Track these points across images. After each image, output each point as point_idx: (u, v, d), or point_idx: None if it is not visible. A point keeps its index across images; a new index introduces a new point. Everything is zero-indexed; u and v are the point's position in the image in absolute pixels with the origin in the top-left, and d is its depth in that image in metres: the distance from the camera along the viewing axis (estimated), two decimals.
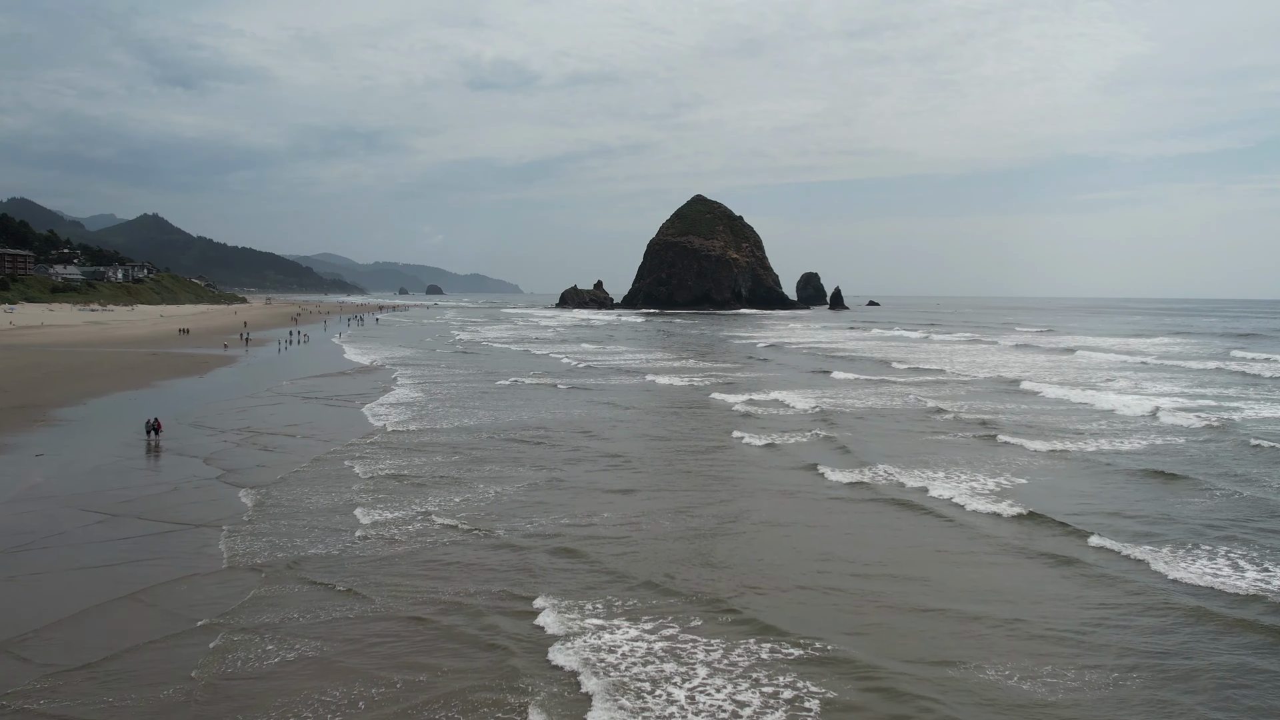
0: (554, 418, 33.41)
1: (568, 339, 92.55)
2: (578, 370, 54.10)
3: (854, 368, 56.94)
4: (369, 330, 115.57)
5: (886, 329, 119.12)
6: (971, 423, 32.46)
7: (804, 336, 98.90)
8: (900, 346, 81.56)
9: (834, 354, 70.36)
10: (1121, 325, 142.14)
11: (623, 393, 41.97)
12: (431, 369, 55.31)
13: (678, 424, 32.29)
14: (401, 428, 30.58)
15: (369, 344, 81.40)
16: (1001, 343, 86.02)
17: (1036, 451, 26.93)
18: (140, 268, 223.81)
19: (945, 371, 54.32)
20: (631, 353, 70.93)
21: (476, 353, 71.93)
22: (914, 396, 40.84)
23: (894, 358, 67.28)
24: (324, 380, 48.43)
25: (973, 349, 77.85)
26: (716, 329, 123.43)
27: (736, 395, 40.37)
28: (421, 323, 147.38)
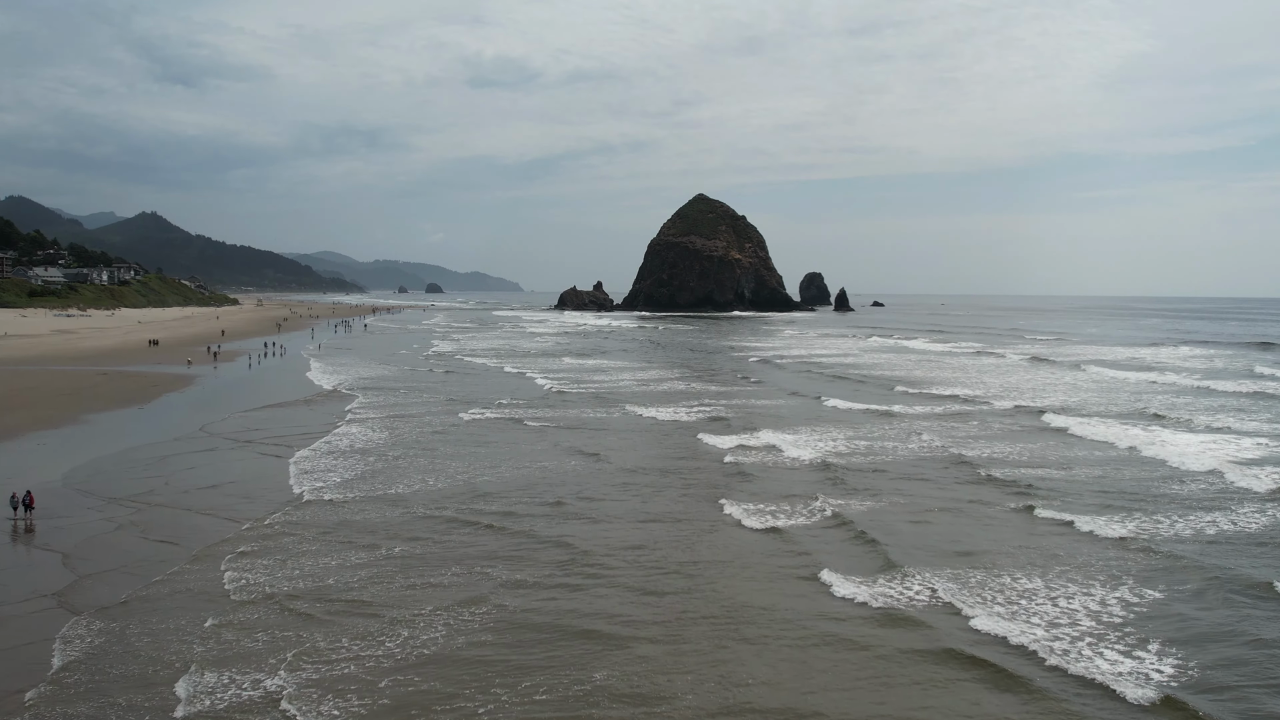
0: (510, 478, 28.31)
1: (552, 351, 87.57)
2: (552, 398, 49.14)
3: (857, 393, 51.99)
4: (351, 339, 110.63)
5: (887, 336, 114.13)
6: (1007, 484, 27.38)
7: (804, 348, 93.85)
8: (904, 360, 76.57)
9: (835, 372, 65.45)
10: (1132, 332, 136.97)
11: (598, 434, 36.97)
12: (394, 395, 50.42)
13: (657, 492, 26.69)
14: (322, 496, 25.57)
15: (342, 359, 76.46)
16: (1010, 356, 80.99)
17: (1109, 540, 21.40)
18: (127, 269, 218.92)
19: (957, 398, 49.35)
20: (618, 370, 66.00)
21: (451, 369, 67.01)
22: (927, 436, 35.92)
23: (898, 376, 62.45)
24: (274, 413, 43.57)
25: (982, 364, 72.82)
26: (714, 336, 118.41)
27: (726, 438, 35.42)
28: (408, 328, 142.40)
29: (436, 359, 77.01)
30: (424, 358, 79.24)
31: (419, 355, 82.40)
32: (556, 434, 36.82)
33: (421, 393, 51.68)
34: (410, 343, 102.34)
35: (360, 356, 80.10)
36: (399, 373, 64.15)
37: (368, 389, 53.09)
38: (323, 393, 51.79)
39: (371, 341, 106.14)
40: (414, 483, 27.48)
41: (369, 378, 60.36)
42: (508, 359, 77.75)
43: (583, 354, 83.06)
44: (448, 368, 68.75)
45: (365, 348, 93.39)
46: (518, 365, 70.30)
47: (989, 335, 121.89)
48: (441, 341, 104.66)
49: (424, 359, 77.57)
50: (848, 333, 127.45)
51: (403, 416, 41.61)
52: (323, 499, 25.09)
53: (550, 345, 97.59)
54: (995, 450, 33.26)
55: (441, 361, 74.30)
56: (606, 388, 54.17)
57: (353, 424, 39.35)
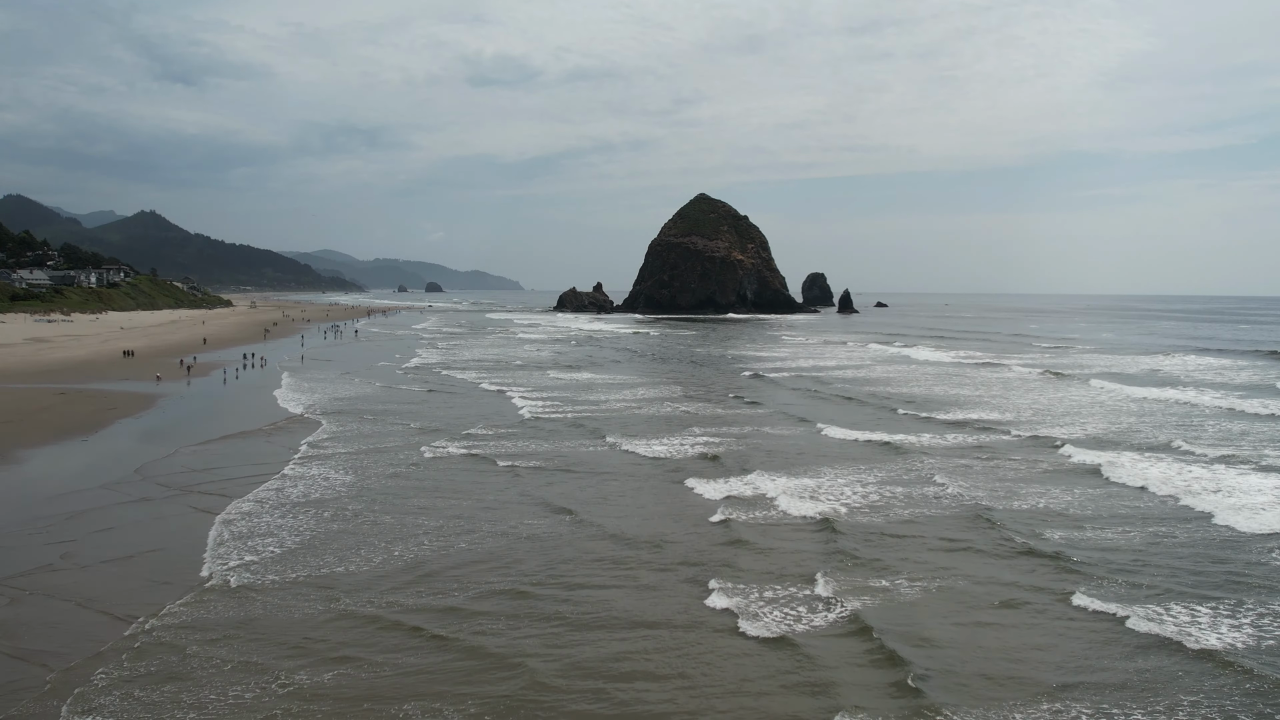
0: (464, 551, 24.23)
1: (540, 363, 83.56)
2: (529, 427, 45.21)
3: (858, 418, 48.16)
4: (337, 347, 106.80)
5: (890, 343, 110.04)
6: (1043, 558, 23.29)
7: (805, 357, 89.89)
8: (908, 373, 72.67)
9: (836, 389, 61.56)
10: (1141, 338, 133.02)
11: (573, 479, 32.95)
12: (361, 421, 46.65)
13: (633, 573, 22.26)
14: (230, 581, 21.34)
15: (320, 373, 72.62)
16: (1018, 368, 77.03)
17: (1207, 653, 16.92)
18: (117, 270, 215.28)
19: (967, 424, 45.46)
20: (606, 388, 62.17)
21: (430, 385, 63.17)
22: (941, 480, 32.14)
23: (902, 395, 58.81)
24: (228, 447, 39.84)
25: (989, 378, 68.89)
26: (714, 343, 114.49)
27: (716, 484, 31.53)
28: (396, 334, 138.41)
29: (416, 373, 73.12)
30: (404, 371, 75.40)
31: (400, 368, 78.56)
32: (527, 478, 32.91)
33: (391, 418, 47.85)
34: (394, 352, 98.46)
35: (340, 369, 76.29)
36: (373, 391, 60.28)
37: (336, 413, 49.29)
38: (288, 418, 47.98)
39: (357, 350, 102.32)
40: (350, 557, 23.46)
41: (341, 398, 56.55)
42: (491, 373, 73.93)
43: (572, 366, 79.18)
44: (426, 384, 64.90)
45: (348, 358, 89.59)
46: (500, 381, 66.43)
47: (994, 342, 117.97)
48: (427, 350, 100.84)
49: (404, 373, 73.74)
50: (850, 339, 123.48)
51: (362, 452, 37.74)
52: (230, 584, 21.07)
53: (539, 355, 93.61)
54: (1023, 501, 29.36)
55: (421, 377, 70.45)
56: (590, 412, 50.29)
57: (306, 462, 35.52)
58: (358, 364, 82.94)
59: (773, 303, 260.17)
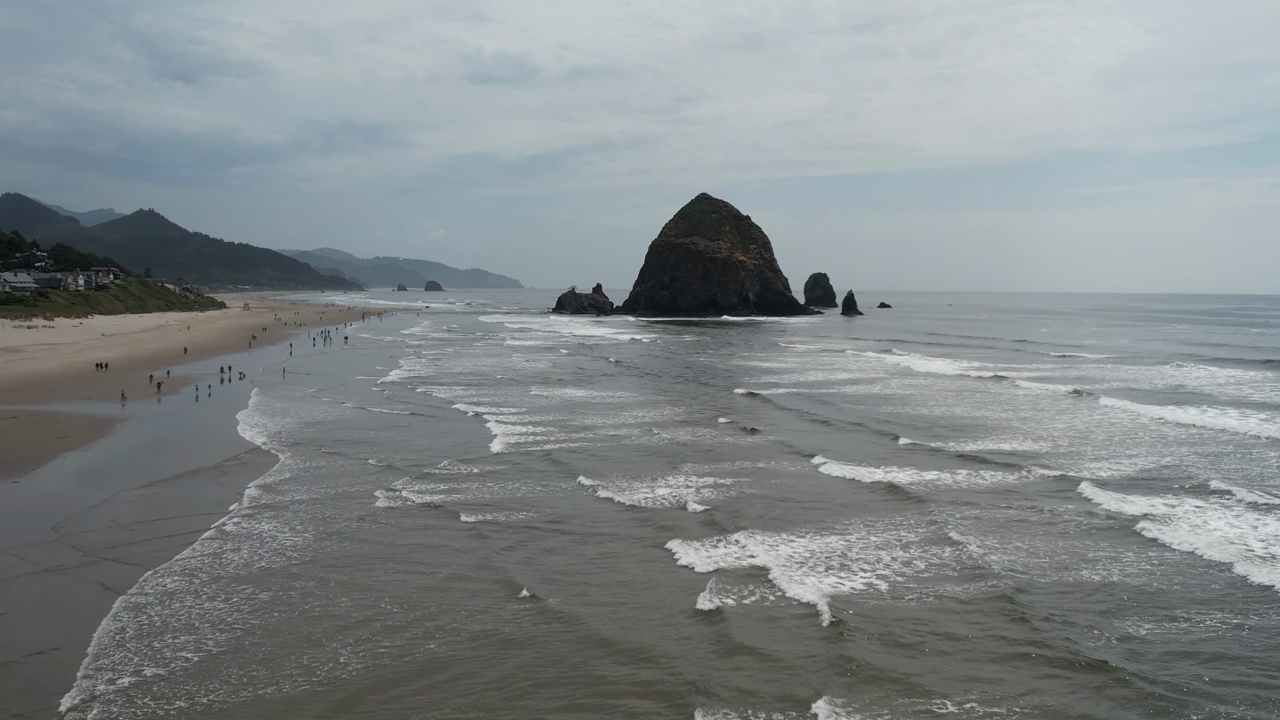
0: (384, 668, 20.23)
1: (526, 377, 79.33)
2: (502, 462, 41.33)
3: (860, 450, 44.22)
4: (322, 356, 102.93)
5: (894, 350, 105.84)
6: (1102, 673, 19.34)
7: (808, 369, 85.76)
8: (913, 390, 68.70)
9: (838, 411, 57.68)
10: (1149, 344, 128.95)
11: (538, 542, 28.76)
12: (322, 454, 42.86)
13: (601, 707, 18.85)
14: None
15: (296, 390, 68.72)
16: (1025, 382, 73.07)
17: None
18: (106, 272, 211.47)
19: (981, 459, 41.36)
20: (591, 410, 58.26)
21: (403, 406, 59.02)
22: (956, 536, 28.28)
23: (906, 416, 55.26)
24: (170, 490, 36.07)
25: (998, 396, 64.90)
26: (715, 351, 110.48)
27: (704, 550, 27.53)
28: (384, 340, 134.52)
29: (393, 391, 69.05)
30: (381, 387, 71.33)
31: (378, 383, 74.61)
32: (489, 539, 28.85)
33: (355, 449, 43.93)
34: (377, 363, 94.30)
35: (317, 384, 72.41)
36: (343, 414, 56.29)
37: (297, 444, 45.40)
38: (248, 451, 44.04)
39: (341, 360, 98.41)
40: (239, 681, 19.27)
41: (310, 422, 52.67)
42: (474, 389, 70.01)
43: (560, 382, 75.16)
44: (401, 404, 60.88)
45: (329, 370, 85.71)
46: (480, 400, 62.45)
47: (1002, 351, 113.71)
48: (411, 361, 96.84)
49: (380, 389, 69.69)
50: (853, 347, 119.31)
51: (313, 501, 33.76)
52: None
53: (526, 367, 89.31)
54: (1059, 575, 25.33)
55: (397, 395, 66.44)
56: (569, 442, 46.25)
57: (251, 514, 31.59)
58: (337, 378, 79.10)
59: (775, 304, 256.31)
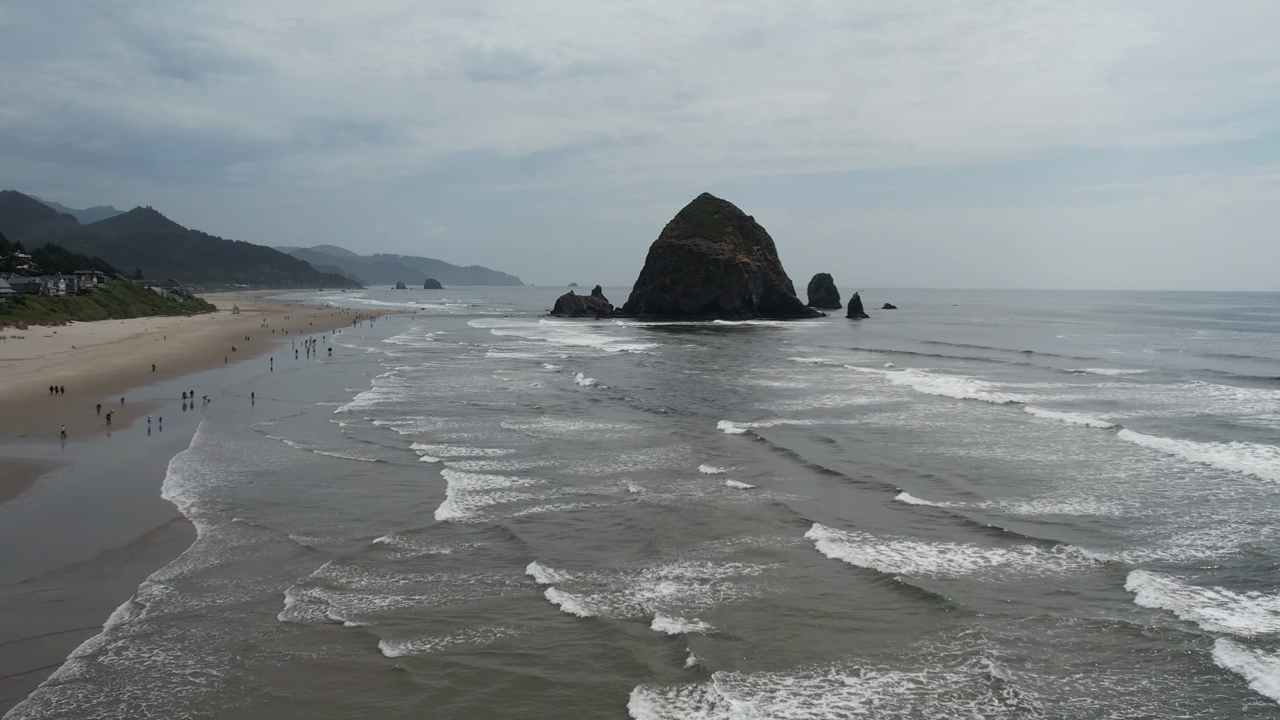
0: None
1: (499, 405, 72.50)
2: (441, 538, 35.38)
3: (868, 515, 38.19)
4: (296, 374, 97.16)
5: (895, 365, 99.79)
6: None
7: (815, 392, 79.54)
8: (920, 422, 62.54)
9: (845, 458, 51.45)
10: (1168, 355, 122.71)
11: (451, 703, 22.52)
12: (241, 530, 36.56)
13: None
14: None
15: (249, 422, 62.73)
16: (1045, 413, 66.98)
17: None
18: (90, 275, 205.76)
19: (1009, 542, 35.23)
20: (562, 455, 52.20)
21: (356, 448, 52.83)
22: (995, 672, 22.32)
23: (916, 463, 49.12)
24: (31, 598, 30.08)
25: (1016, 430, 58.81)
26: (717, 365, 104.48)
27: (666, 698, 21.62)
28: (366, 351, 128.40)
29: (352, 424, 62.53)
30: (340, 418, 65.11)
31: (343, 410, 68.43)
32: (413, 687, 22.87)
33: (286, 514, 37.84)
34: (350, 382, 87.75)
35: (277, 414, 66.41)
36: (290, 461, 49.86)
37: (225, 509, 39.43)
38: (165, 524, 37.70)
39: (314, 379, 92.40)
40: None
41: (249, 473, 46.63)
42: (440, 420, 63.98)
43: (537, 411, 68.83)
44: (359, 444, 54.56)
45: (298, 394, 79.70)
46: (444, 438, 56.20)
47: (1011, 365, 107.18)
48: (387, 379, 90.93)
49: (338, 422, 63.31)
50: (859, 361, 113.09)
51: (208, 611, 27.62)
52: None
53: (505, 390, 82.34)
54: None
55: (355, 430, 60.04)
56: (530, 507, 39.77)
57: (119, 641, 25.52)
58: (302, 402, 73.06)
59: (779, 307, 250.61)
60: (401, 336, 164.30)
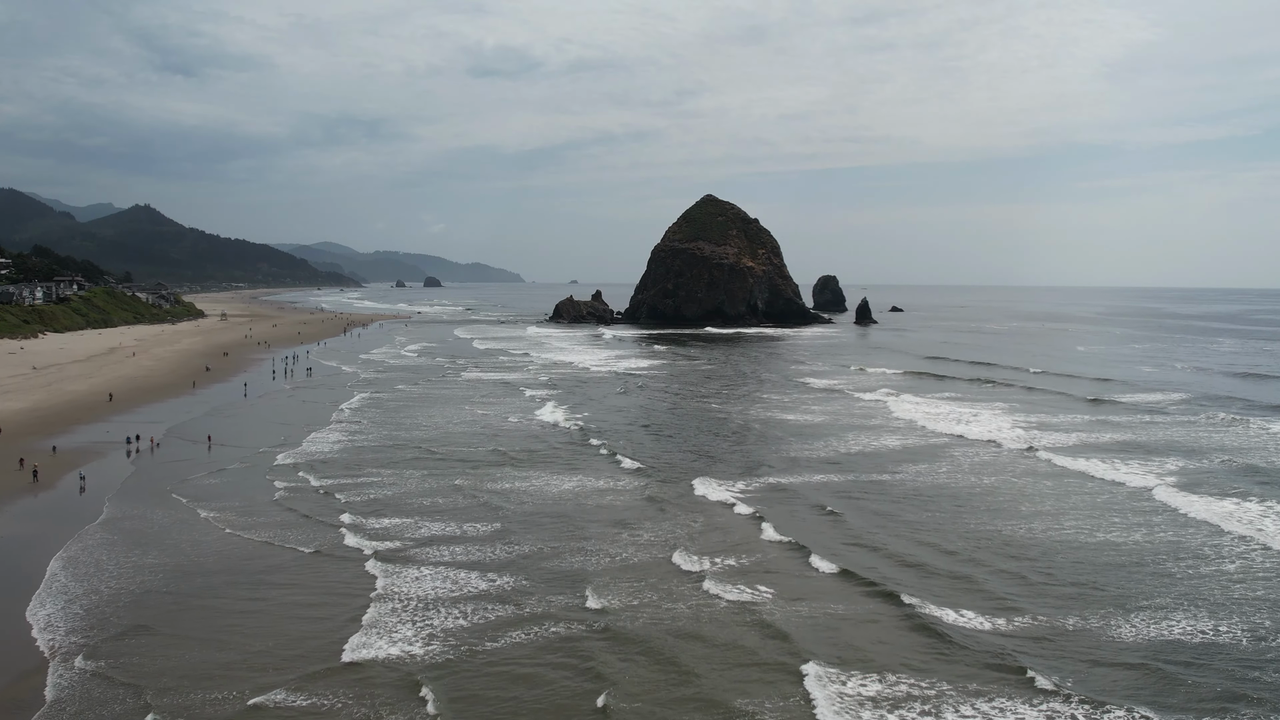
0: None
1: (457, 452, 64.58)
2: (351, 695, 27.68)
3: (879, 659, 30.36)
4: (258, 405, 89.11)
5: (911, 390, 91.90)
6: None
7: (820, 434, 71.63)
8: (946, 481, 54.53)
9: (848, 544, 43.54)
10: (1203, 377, 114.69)
11: None
12: (92, 692, 28.72)
13: None
14: None
15: (173, 483, 54.42)
16: (1086, 462, 59.68)
17: None
18: (70, 282, 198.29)
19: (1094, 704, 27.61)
20: (521, 526, 44.64)
21: (273, 529, 44.72)
22: None
23: (939, 552, 40.78)
24: None
25: (1058, 486, 50.97)
26: (720, 390, 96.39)
27: None
28: (344, 370, 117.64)
29: (295, 483, 54.44)
30: (288, 471, 57.20)
31: (288, 463, 59.80)
32: None
33: (164, 650, 29.77)
34: (310, 416, 79.20)
35: (220, 466, 58.19)
36: (206, 552, 41.22)
37: (105, 636, 31.49)
38: (13, 674, 29.91)
39: (279, 410, 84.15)
40: None
41: (156, 569, 38.20)
42: (385, 476, 56.05)
43: (500, 463, 60.34)
44: (288, 518, 46.55)
45: (254, 433, 71.51)
46: (383, 512, 47.63)
47: (1036, 392, 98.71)
48: (351, 409, 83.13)
49: (283, 480, 54.99)
50: (872, 381, 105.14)
51: None
52: None
53: (473, 432, 73.08)
54: None
55: (295, 492, 52.25)
56: (454, 643, 31.33)
57: None
58: (252, 449, 64.45)
59: (785, 313, 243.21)
60: (384, 350, 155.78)
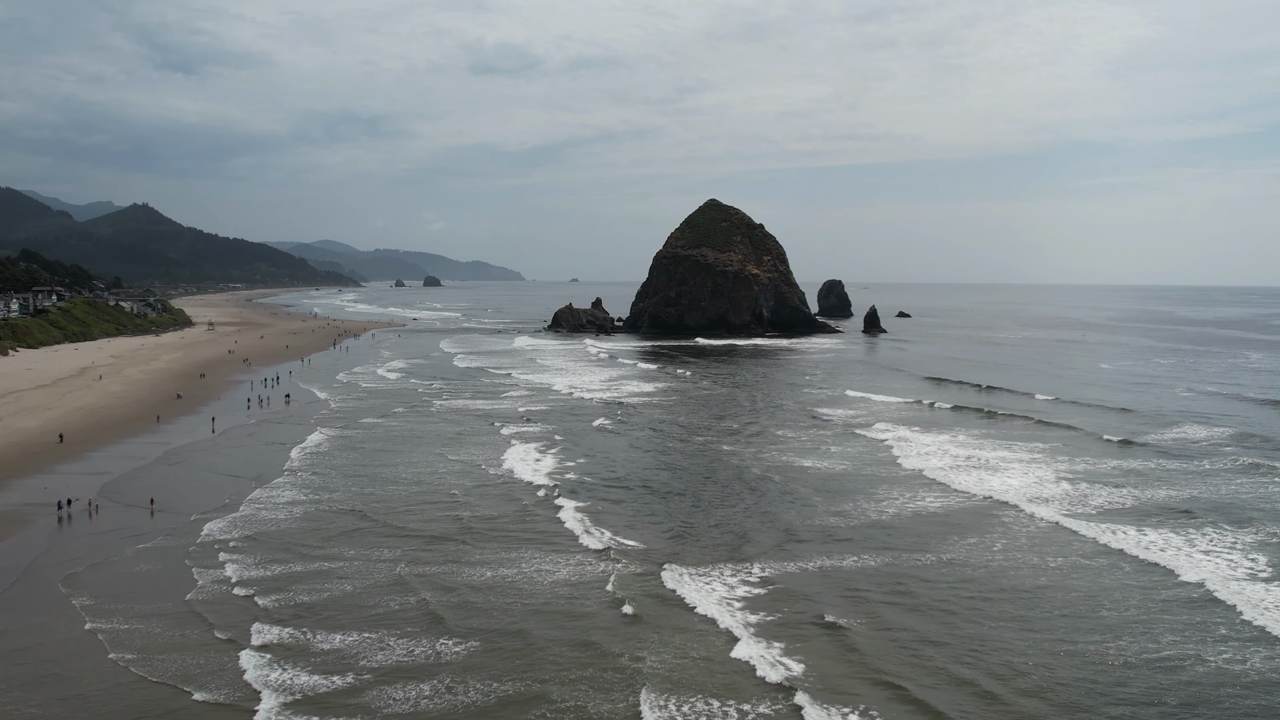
0: None
1: (412, 520, 56.61)
2: None
3: None
4: (228, 438, 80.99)
5: (911, 424, 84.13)
6: None
7: (845, 490, 64.00)
8: (977, 571, 46.67)
9: (872, 670, 35.85)
10: (1229, 401, 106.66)
11: None
12: None
13: None
14: None
15: (68, 581, 46.94)
16: (1138, 524, 51.91)
17: None
18: (49, 293, 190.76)
19: None
20: (487, 621, 36.65)
21: (163, 655, 37.18)
22: None
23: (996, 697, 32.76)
24: None
25: (1135, 582, 43.05)
26: (722, 429, 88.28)
27: None
28: (318, 397, 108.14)
29: (213, 573, 46.00)
30: (204, 555, 47.85)
31: (211, 539, 50.91)
32: None
33: None
34: (259, 464, 70.28)
35: (141, 544, 49.96)
36: (43, 709, 34.23)
37: None
38: None
39: (235, 456, 75.52)
40: None
41: None
42: (318, 553, 47.57)
43: (454, 540, 51.91)
44: (184, 642, 37.77)
45: (197, 489, 63.00)
46: (309, 615, 39.50)
47: (1072, 431, 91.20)
48: (303, 455, 73.28)
49: (202, 568, 46.51)
50: (888, 412, 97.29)
51: None
52: None
53: (433, 488, 65.04)
54: None
55: (205, 597, 43.30)
56: None
57: None
58: (185, 515, 55.97)
59: (791, 321, 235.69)
60: (364, 369, 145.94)
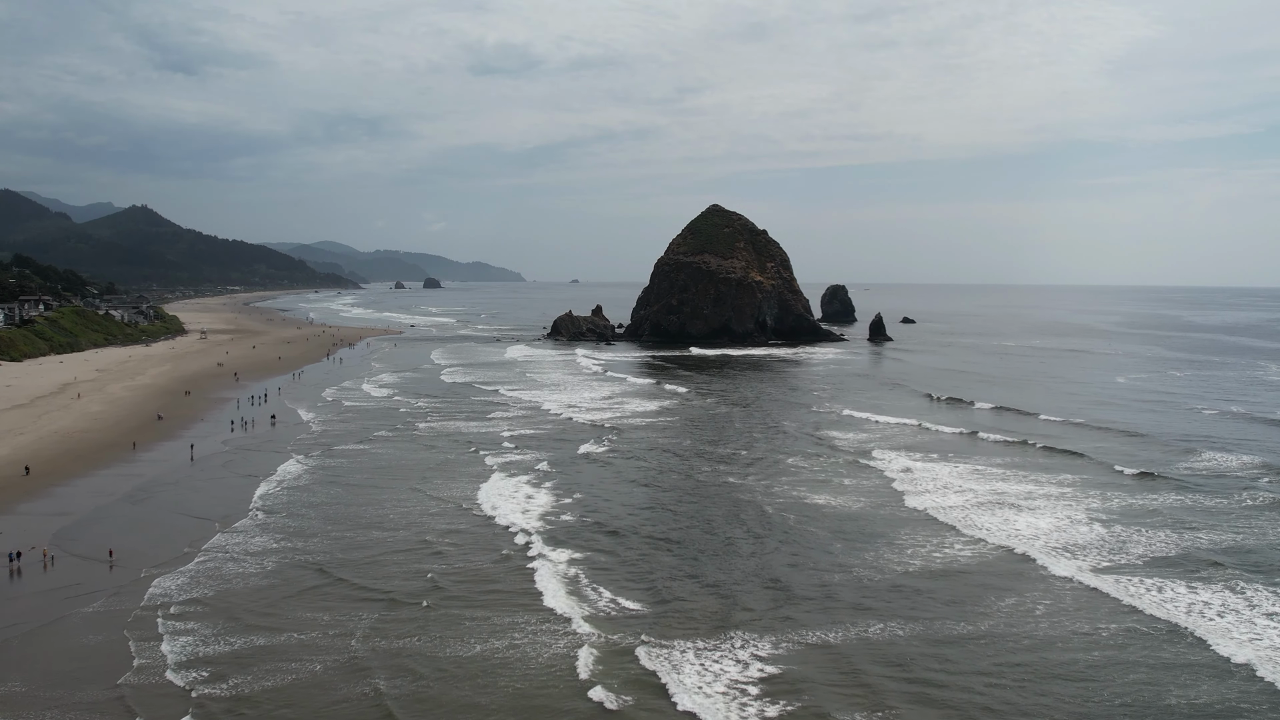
0: None
1: (372, 576, 51.92)
2: None
3: None
4: (202, 468, 76.07)
5: (928, 454, 79.51)
6: None
7: (863, 534, 59.32)
8: (1010, 636, 42.10)
9: None
10: (1257, 424, 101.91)
11: None
12: None
13: None
14: None
15: (4, 650, 42.47)
16: (1187, 581, 47.43)
17: None
18: (36, 302, 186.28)
19: None
20: None
21: None
22: None
23: None
24: None
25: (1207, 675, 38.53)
26: (728, 451, 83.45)
27: None
28: (301, 417, 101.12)
29: (148, 652, 40.56)
30: (143, 630, 42.53)
31: (142, 621, 45.26)
32: None
33: None
34: (222, 505, 64.82)
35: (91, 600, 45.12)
36: None
37: None
38: None
39: (200, 495, 70.32)
40: None
41: None
42: (264, 624, 41.70)
43: (425, 593, 47.55)
44: None
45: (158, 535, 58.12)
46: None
47: (1095, 462, 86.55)
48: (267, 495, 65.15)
49: (140, 644, 41.47)
50: (901, 438, 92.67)
51: None
52: None
53: (402, 534, 60.17)
54: None
55: (134, 689, 37.98)
56: None
57: None
58: (127, 576, 51.15)
59: (795, 330, 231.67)
60: (352, 384, 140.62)
